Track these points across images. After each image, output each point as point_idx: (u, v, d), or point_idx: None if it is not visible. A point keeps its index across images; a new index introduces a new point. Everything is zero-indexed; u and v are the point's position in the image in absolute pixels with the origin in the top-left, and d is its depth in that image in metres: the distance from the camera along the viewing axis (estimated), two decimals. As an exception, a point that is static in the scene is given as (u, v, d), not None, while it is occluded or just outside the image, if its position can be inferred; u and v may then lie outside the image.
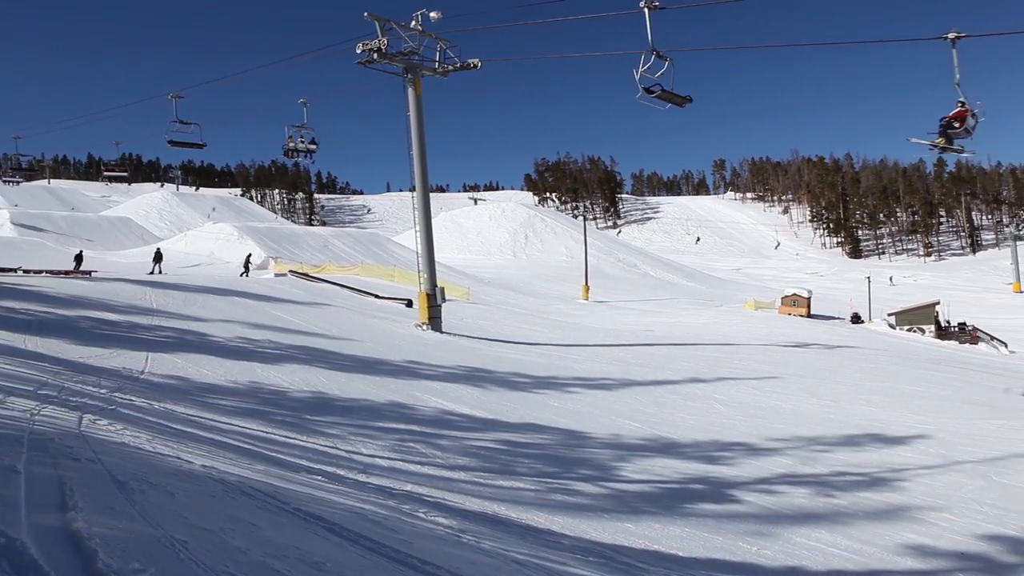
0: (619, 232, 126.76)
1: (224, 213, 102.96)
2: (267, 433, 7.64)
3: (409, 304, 25.79)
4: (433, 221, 24.55)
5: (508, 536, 5.11)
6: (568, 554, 4.95)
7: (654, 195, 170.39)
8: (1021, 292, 79.34)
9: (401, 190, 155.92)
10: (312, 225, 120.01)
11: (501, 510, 5.98)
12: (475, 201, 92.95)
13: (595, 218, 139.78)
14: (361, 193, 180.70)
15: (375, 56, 20.32)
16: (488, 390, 12.77)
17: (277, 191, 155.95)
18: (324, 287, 29.92)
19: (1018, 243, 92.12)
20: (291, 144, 24.72)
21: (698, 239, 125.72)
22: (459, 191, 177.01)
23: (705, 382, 16.15)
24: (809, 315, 45.09)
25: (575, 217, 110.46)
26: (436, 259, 23.20)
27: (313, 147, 24.99)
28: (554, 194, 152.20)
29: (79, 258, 31.62)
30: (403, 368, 14.04)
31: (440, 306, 21.40)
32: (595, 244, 65.39)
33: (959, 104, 14.26)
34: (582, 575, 4.18)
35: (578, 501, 6.86)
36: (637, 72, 14.96)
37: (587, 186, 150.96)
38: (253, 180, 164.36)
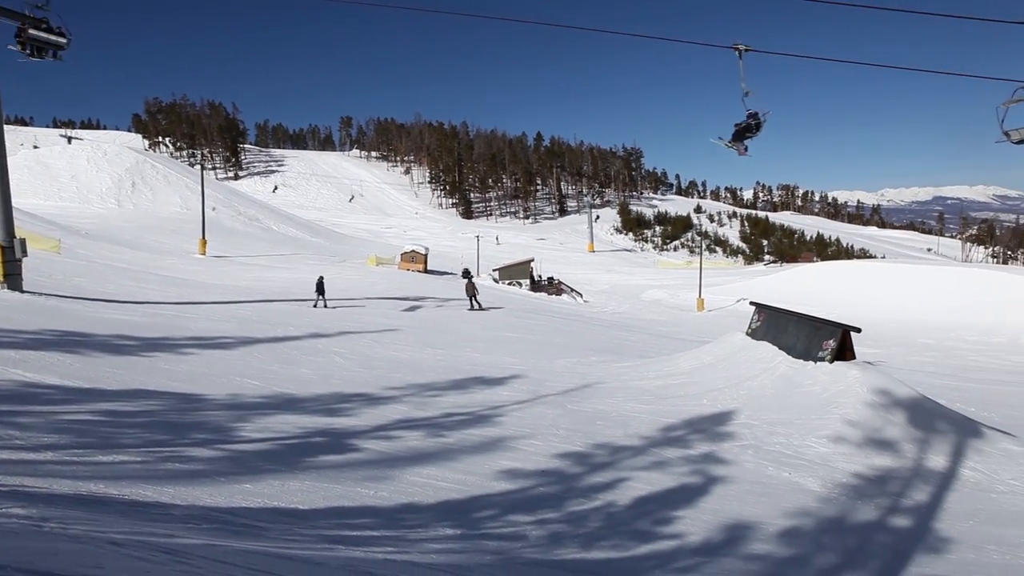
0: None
1: None
2: None
3: (-26, 259, 21.41)
4: (10, 160, 20.54)
5: (106, 516, 4.63)
6: (179, 525, 4.69)
7: (279, 147, 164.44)
8: (594, 251, 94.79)
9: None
10: None
11: (99, 489, 5.37)
12: (69, 139, 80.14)
13: (215, 168, 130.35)
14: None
15: None
16: (85, 356, 11.25)
17: None
18: None
19: (593, 211, 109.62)
20: None
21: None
22: (48, 126, 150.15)
23: (327, 336, 16.35)
24: (426, 271, 48.21)
25: (192, 165, 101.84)
26: (14, 205, 19.48)
27: None
28: (168, 139, 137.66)
29: None
30: (-34, 336, 11.69)
31: (20, 261, 18.07)
32: (214, 196, 61.12)
33: None
34: (192, 543, 3.99)
35: (192, 468, 6.49)
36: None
37: (206, 133, 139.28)
38: None
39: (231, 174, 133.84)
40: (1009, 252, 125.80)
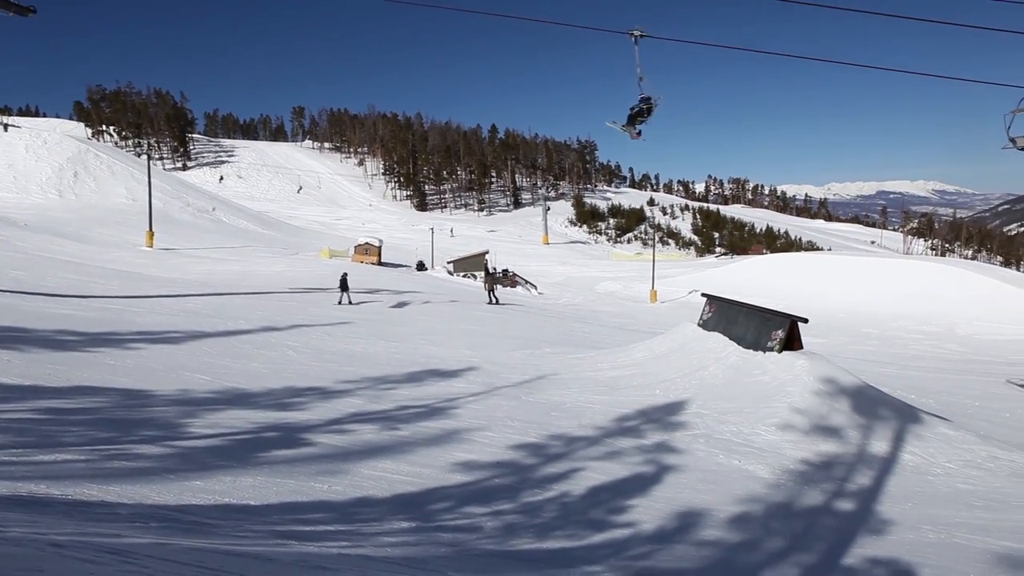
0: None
1: None
2: None
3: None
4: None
5: (48, 517, 4.49)
6: (125, 524, 4.59)
7: (229, 138, 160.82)
8: (548, 244, 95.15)
9: None
10: None
11: (40, 489, 5.22)
12: (5, 127, 76.90)
13: (162, 158, 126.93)
14: None
15: None
16: (25, 352, 10.88)
17: None
18: None
19: (546, 203, 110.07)
20: None
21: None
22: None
23: (279, 330, 16.11)
24: (380, 263, 47.85)
25: (138, 155, 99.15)
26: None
27: None
28: (113, 128, 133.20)
29: None
30: None
31: (-48, 254, 17.44)
32: (162, 187, 59.65)
33: None
34: (139, 543, 3.90)
35: (140, 465, 6.35)
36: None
37: (153, 122, 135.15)
38: None
39: (179, 164, 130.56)
40: (947, 245, 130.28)
